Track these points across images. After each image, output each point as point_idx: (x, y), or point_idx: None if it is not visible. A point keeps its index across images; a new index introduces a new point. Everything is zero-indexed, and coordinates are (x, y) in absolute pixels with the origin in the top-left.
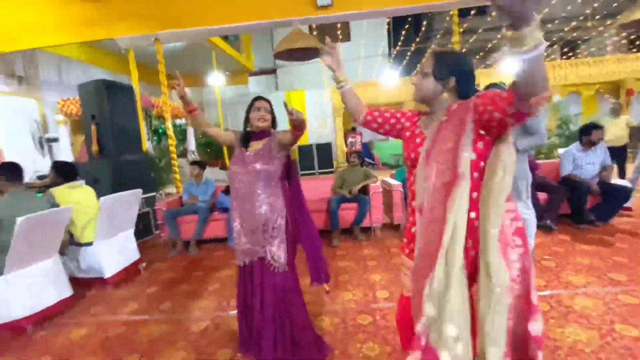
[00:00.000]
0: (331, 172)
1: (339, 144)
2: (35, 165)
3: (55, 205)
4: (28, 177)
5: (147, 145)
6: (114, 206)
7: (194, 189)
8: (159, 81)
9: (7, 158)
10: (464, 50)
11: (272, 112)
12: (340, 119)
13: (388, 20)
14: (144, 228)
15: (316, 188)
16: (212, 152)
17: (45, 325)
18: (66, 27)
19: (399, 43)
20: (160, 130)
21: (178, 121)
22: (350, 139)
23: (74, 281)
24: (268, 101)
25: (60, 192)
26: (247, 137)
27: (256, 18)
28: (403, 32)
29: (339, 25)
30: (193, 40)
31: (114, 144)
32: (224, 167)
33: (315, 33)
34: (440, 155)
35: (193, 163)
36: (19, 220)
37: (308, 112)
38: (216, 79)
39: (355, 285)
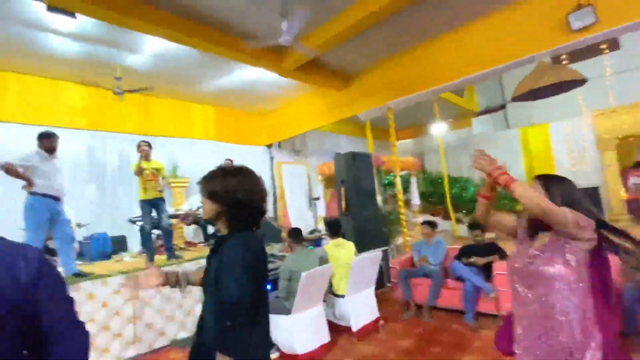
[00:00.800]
0: None
1: (612, 187)
2: (306, 221)
3: (325, 259)
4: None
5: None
6: (362, 264)
7: (424, 249)
8: (388, 138)
9: (290, 213)
10: None
11: (548, 190)
12: (612, 154)
13: None
14: (378, 280)
15: None
16: (435, 200)
17: None
18: (327, 112)
19: None
20: (386, 182)
21: (401, 172)
22: (632, 180)
23: (329, 324)
24: (542, 177)
25: (329, 249)
26: (534, 225)
27: (489, 65)
28: None
29: None
30: (420, 100)
31: (356, 202)
32: (446, 217)
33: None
34: None
35: (424, 223)
36: (304, 273)
37: (555, 149)
38: (439, 128)
39: None
